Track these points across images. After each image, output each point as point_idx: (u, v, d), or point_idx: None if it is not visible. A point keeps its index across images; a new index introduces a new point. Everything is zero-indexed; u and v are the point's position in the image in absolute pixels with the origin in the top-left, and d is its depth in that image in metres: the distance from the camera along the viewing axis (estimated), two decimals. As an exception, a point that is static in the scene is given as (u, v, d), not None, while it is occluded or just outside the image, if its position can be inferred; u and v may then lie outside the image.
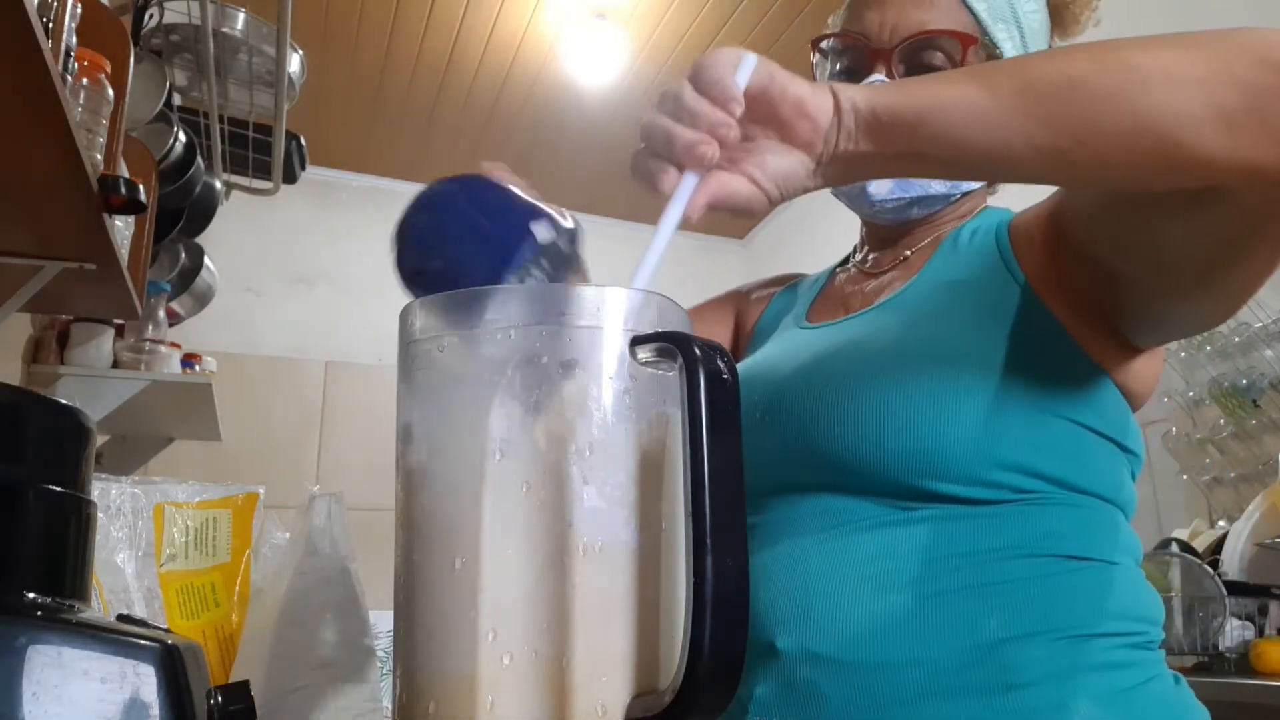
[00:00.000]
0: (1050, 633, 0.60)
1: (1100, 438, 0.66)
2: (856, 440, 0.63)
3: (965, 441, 0.62)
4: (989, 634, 0.59)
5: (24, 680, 0.39)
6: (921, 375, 0.64)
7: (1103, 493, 0.66)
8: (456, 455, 0.41)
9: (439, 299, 0.43)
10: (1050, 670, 0.59)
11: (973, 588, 0.61)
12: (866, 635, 0.60)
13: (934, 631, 0.60)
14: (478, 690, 0.38)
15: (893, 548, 0.62)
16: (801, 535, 0.65)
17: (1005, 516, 0.62)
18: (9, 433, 0.48)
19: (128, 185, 1.11)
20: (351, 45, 2.95)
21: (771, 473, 0.67)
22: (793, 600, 0.63)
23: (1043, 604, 0.60)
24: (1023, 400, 0.63)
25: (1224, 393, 1.99)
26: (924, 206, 0.76)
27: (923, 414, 0.62)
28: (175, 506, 0.97)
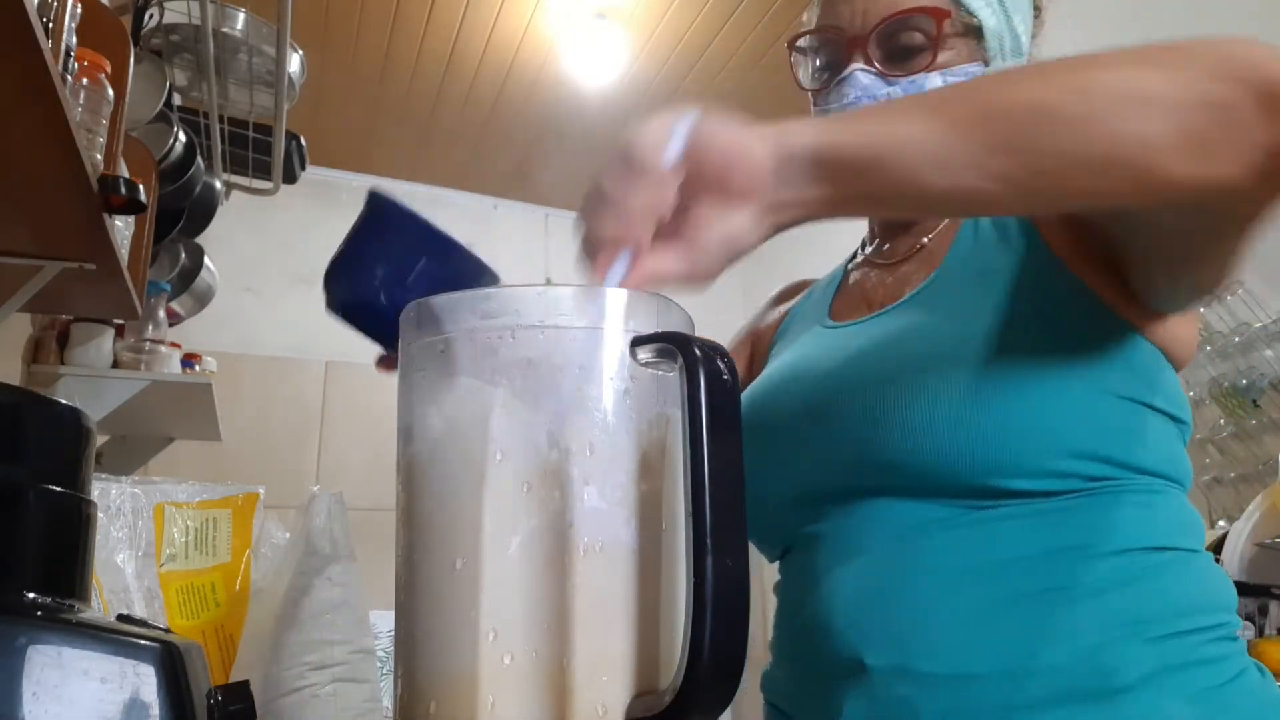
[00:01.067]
0: (1146, 634, 0.58)
1: (1157, 413, 0.65)
2: (918, 443, 0.61)
3: (1029, 434, 0.60)
4: (1085, 638, 0.58)
5: (24, 680, 0.39)
6: (973, 371, 0.62)
7: (1167, 471, 0.65)
8: (457, 456, 0.41)
9: (441, 300, 0.43)
10: (1149, 671, 0.57)
11: (1061, 590, 0.59)
12: (958, 647, 0.58)
13: (1026, 639, 0.58)
14: (478, 690, 0.38)
15: (972, 553, 0.60)
16: (872, 545, 0.63)
17: (1080, 510, 0.61)
18: (9, 433, 0.48)
19: (128, 185, 1.11)
20: (351, 45, 2.95)
21: (824, 478, 0.66)
22: (875, 614, 0.61)
23: (1136, 604, 0.59)
24: (1078, 384, 0.62)
25: (1224, 393, 1.99)
26: None
27: (983, 411, 0.60)
28: (175, 506, 0.97)
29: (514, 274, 1.94)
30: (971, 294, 0.67)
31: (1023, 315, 0.64)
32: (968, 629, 0.59)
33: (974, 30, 0.72)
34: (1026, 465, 0.60)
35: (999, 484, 0.60)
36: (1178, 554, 0.63)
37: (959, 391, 0.61)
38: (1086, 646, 0.57)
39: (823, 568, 0.65)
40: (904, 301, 0.71)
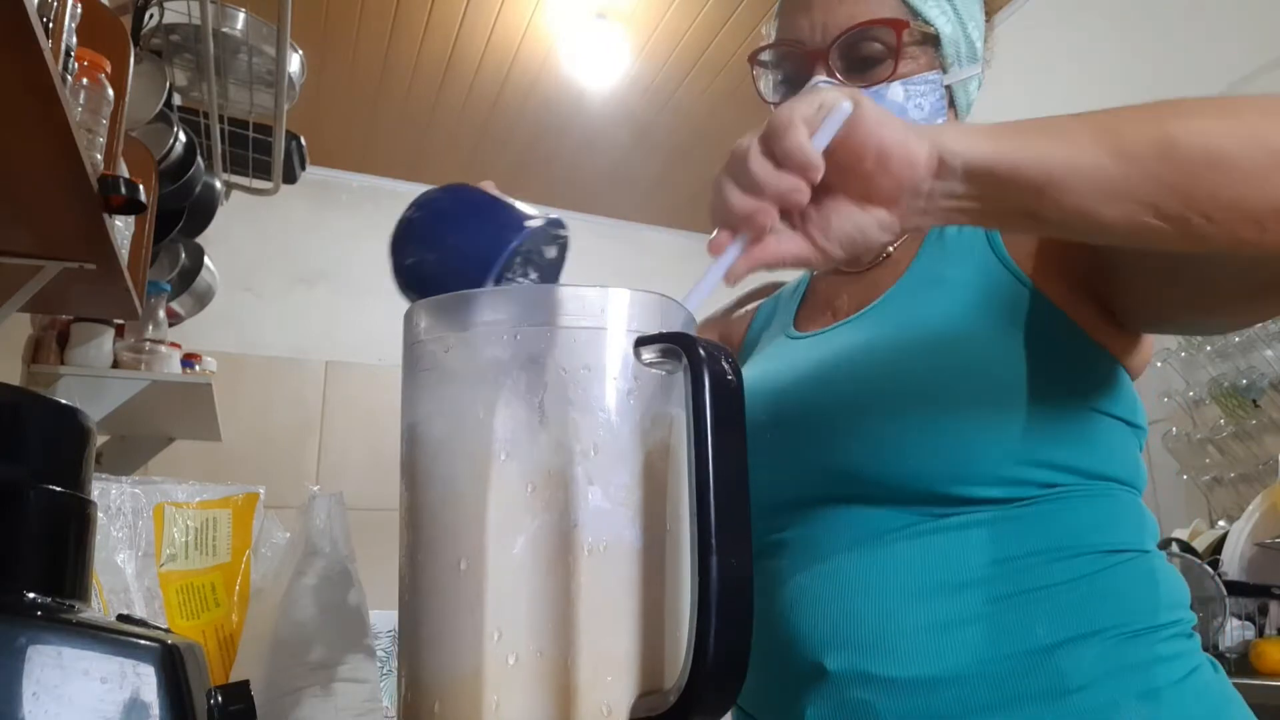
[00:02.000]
0: (1099, 634, 0.59)
1: (1113, 419, 0.66)
2: (877, 453, 0.62)
3: (986, 444, 0.61)
4: (1039, 640, 0.59)
5: (24, 680, 0.39)
6: (932, 380, 0.63)
7: (1122, 476, 0.66)
8: (461, 456, 0.41)
9: (444, 300, 0.43)
10: (1101, 671, 0.58)
11: (1018, 595, 0.60)
12: (918, 651, 0.59)
13: (984, 643, 0.59)
14: (483, 690, 0.38)
15: (932, 559, 0.61)
16: (836, 551, 0.64)
17: (1037, 516, 0.62)
18: (9, 433, 0.48)
19: (128, 185, 1.10)
20: (351, 45, 2.95)
21: (789, 487, 0.67)
22: (837, 619, 0.62)
23: (1089, 606, 0.60)
24: (1034, 392, 0.63)
25: (1224, 393, 1.99)
26: None
27: (940, 421, 0.61)
28: (175, 506, 0.97)
29: (514, 274, 1.86)
30: (933, 304, 0.67)
31: (981, 325, 0.65)
32: (926, 634, 0.60)
33: (931, 38, 0.72)
34: (984, 473, 0.61)
35: (958, 492, 0.61)
36: (1131, 554, 0.64)
37: (918, 402, 0.62)
38: (1040, 648, 0.58)
39: (786, 574, 0.66)
40: (867, 311, 0.72)
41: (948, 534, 0.62)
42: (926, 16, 0.71)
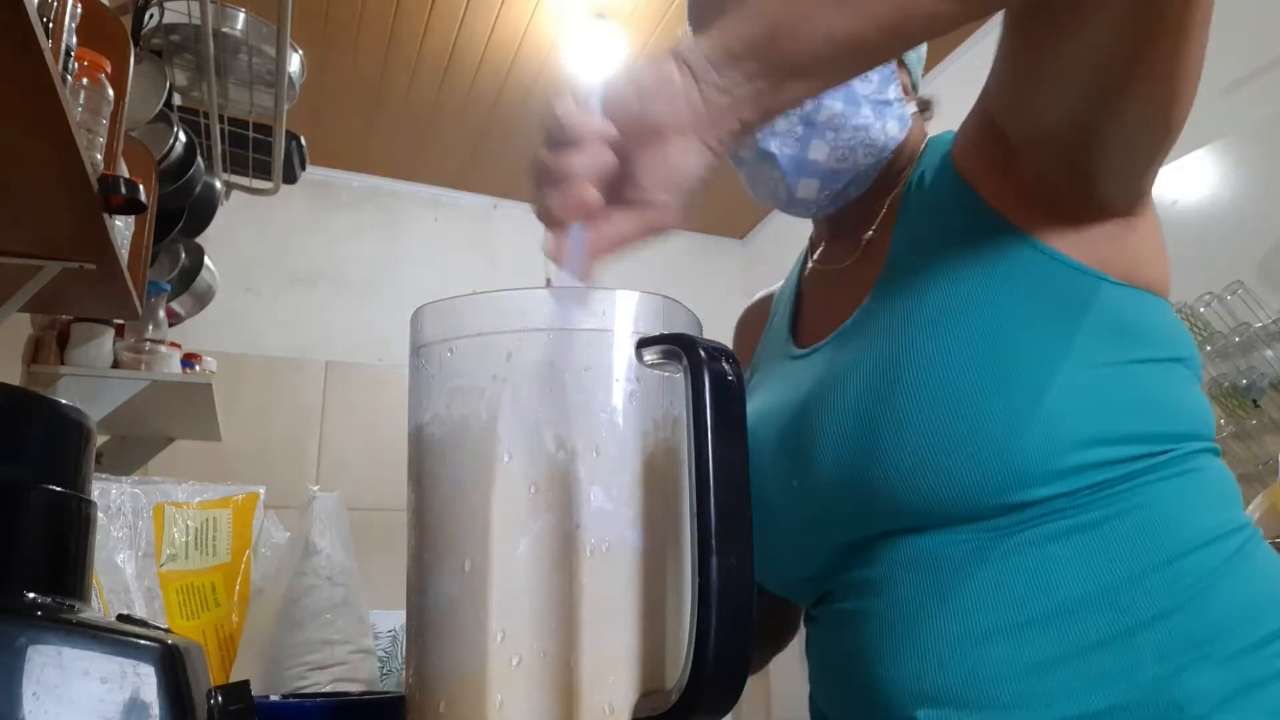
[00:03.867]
0: (1212, 654, 0.54)
1: (1155, 363, 0.59)
2: (917, 478, 0.57)
3: (1030, 435, 0.55)
4: (1147, 673, 0.53)
5: (24, 680, 0.39)
6: (950, 381, 0.57)
7: (1189, 429, 0.60)
8: (465, 458, 0.41)
9: (449, 303, 0.43)
10: (1221, 696, 0.53)
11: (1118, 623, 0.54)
12: (1016, 699, 0.54)
13: (1086, 683, 0.53)
14: (487, 689, 0.38)
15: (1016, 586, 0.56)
16: (908, 589, 0.59)
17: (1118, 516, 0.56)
18: (9, 433, 0.48)
19: (128, 185, 1.10)
20: (351, 45, 2.95)
21: (839, 529, 0.62)
22: (923, 670, 0.57)
23: (1196, 622, 0.54)
24: (1059, 365, 0.56)
25: (1224, 393, 1.99)
26: (860, 184, 0.70)
27: (972, 424, 0.56)
28: (175, 506, 0.97)
29: (514, 274, 1.97)
30: (925, 284, 0.62)
31: (985, 300, 0.59)
32: (1022, 679, 0.54)
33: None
34: (1039, 470, 0.55)
35: (1017, 498, 0.55)
36: (1228, 542, 0.57)
37: (940, 408, 0.57)
38: (1151, 680, 0.53)
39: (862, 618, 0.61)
40: (860, 314, 0.66)
41: (1025, 553, 0.56)
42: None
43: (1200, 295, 2.07)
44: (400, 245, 3.72)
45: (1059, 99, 0.56)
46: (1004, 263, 0.59)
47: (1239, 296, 2.01)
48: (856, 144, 0.68)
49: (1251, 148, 2.06)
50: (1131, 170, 0.59)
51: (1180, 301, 2.11)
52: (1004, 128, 0.60)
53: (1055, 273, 0.59)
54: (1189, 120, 0.57)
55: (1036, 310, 0.58)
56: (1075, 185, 0.59)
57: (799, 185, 0.69)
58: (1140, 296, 0.61)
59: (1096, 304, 0.59)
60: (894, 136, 0.70)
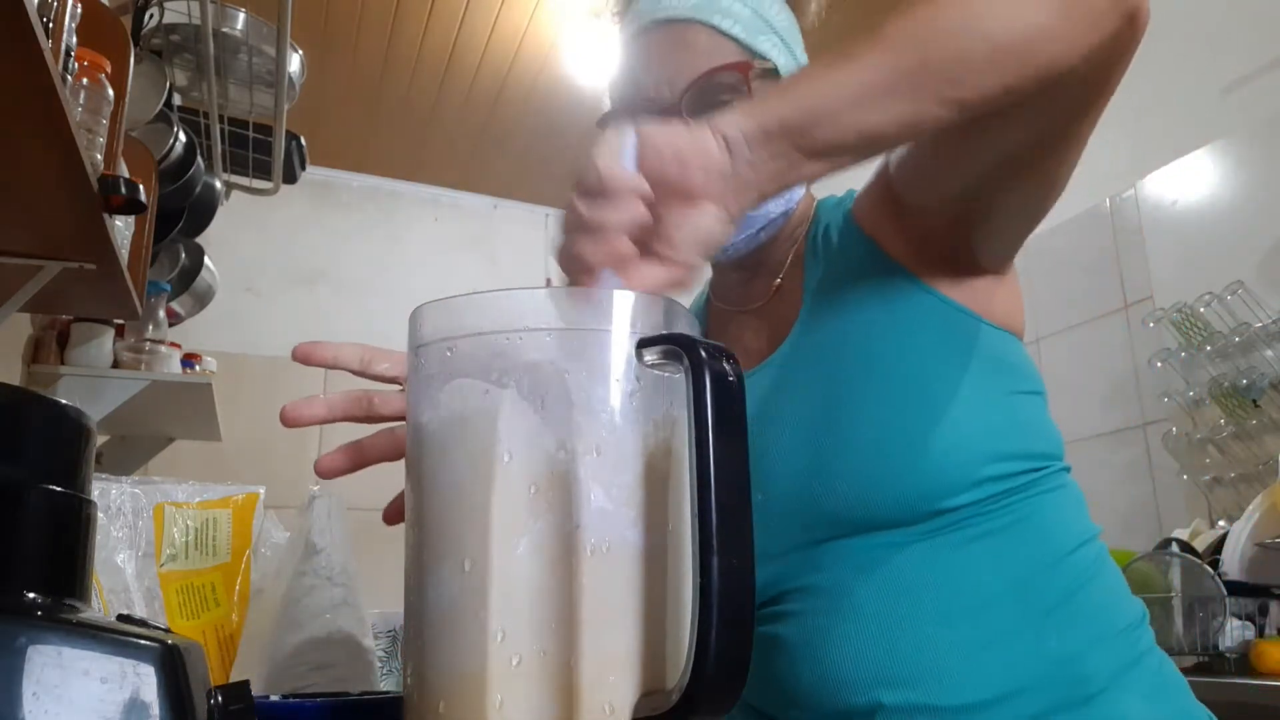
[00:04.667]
0: (1101, 635, 0.64)
1: (1028, 395, 0.70)
2: (854, 492, 0.65)
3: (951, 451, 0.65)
4: (1056, 650, 0.63)
5: (24, 680, 0.39)
6: (885, 404, 0.66)
7: (1055, 449, 0.71)
8: (465, 457, 0.41)
9: (449, 302, 0.43)
10: (1110, 673, 0.63)
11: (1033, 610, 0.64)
12: (964, 676, 0.62)
13: (1017, 659, 0.62)
14: (487, 690, 0.38)
15: (949, 580, 0.64)
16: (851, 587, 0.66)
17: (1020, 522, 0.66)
18: (9, 433, 0.48)
19: (128, 185, 1.10)
20: (351, 45, 2.95)
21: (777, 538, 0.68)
22: (879, 656, 0.64)
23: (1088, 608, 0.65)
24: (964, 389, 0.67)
25: (1224, 393, 1.99)
26: (770, 229, 0.77)
27: (906, 443, 0.65)
28: (175, 506, 0.97)
29: (514, 274, 1.97)
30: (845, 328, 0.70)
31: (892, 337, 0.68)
32: (966, 657, 0.63)
33: (772, 73, 0.73)
34: (956, 482, 0.65)
35: (937, 505, 0.64)
36: (1093, 545, 0.69)
37: (875, 432, 0.65)
38: (1060, 658, 0.63)
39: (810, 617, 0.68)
40: (784, 349, 0.74)
41: (949, 551, 0.65)
42: (761, 52, 0.73)
43: (1200, 295, 2.07)
44: (400, 245, 3.72)
45: (963, 179, 0.66)
46: (907, 304, 0.69)
47: (1239, 296, 2.01)
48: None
49: (1251, 148, 2.06)
50: (1007, 240, 0.70)
51: (1180, 301, 2.11)
52: (903, 195, 0.70)
53: (948, 314, 0.69)
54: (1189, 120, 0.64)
55: (937, 346, 0.68)
56: (959, 246, 0.70)
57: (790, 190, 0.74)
58: (1009, 338, 0.72)
59: (981, 343, 0.70)
60: (799, 191, 0.79)
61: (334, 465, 0.60)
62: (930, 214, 0.69)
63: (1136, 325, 2.26)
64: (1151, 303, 2.24)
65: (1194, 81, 2.12)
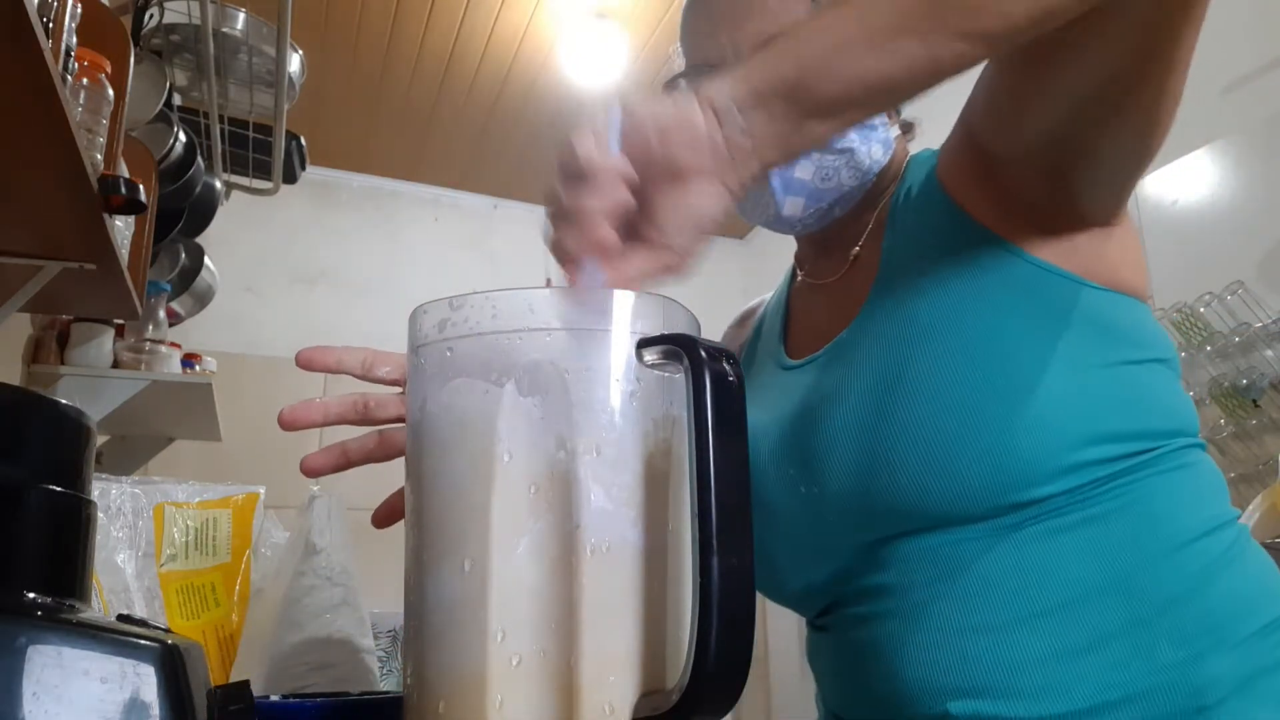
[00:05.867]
0: (1225, 639, 0.56)
1: (1142, 365, 0.62)
2: (924, 482, 0.58)
3: (1032, 434, 0.57)
4: (1166, 658, 0.55)
5: (24, 680, 0.39)
6: (951, 387, 0.59)
7: (1177, 425, 0.62)
8: (465, 457, 0.41)
9: (449, 302, 0.43)
10: (1235, 682, 0.55)
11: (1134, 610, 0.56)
12: (1043, 687, 0.56)
13: (1108, 669, 0.55)
14: (487, 689, 0.38)
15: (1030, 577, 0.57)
16: (924, 589, 0.60)
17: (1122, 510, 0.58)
18: (9, 433, 0.48)
19: (128, 185, 1.10)
20: (351, 45, 2.95)
21: (848, 534, 0.63)
22: (951, 663, 0.58)
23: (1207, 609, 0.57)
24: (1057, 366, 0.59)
25: (1224, 393, 1.99)
26: (845, 203, 0.72)
27: (977, 427, 0.57)
28: (175, 506, 0.97)
29: (514, 274, 1.98)
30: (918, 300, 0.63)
31: (976, 307, 0.61)
32: (1047, 666, 0.56)
33: None
34: (1039, 471, 0.57)
35: (1024, 496, 0.57)
36: (1223, 534, 0.60)
37: (943, 414, 0.58)
38: (1174, 664, 0.55)
39: (881, 620, 0.62)
40: (854, 326, 0.68)
41: (1036, 545, 0.58)
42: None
43: (1200, 295, 2.06)
44: (400, 245, 3.72)
45: (1047, 121, 0.58)
46: (992, 273, 0.62)
47: (1239, 296, 2.01)
48: (841, 165, 0.70)
49: (1251, 148, 2.06)
50: (1112, 186, 0.61)
51: (1180, 301, 2.11)
52: (987, 146, 0.62)
53: (1041, 280, 0.61)
54: (1189, 120, 0.59)
55: (1026, 316, 0.60)
56: (1057, 198, 0.61)
57: (785, 203, 0.70)
58: (1122, 300, 0.63)
59: (1082, 308, 0.61)
60: (878, 160, 0.71)
61: (317, 464, 0.59)
62: (1019, 165, 0.61)
63: (1136, 325, 2.26)
64: (1152, 303, 2.23)
65: (1194, 81, 2.12)
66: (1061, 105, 0.56)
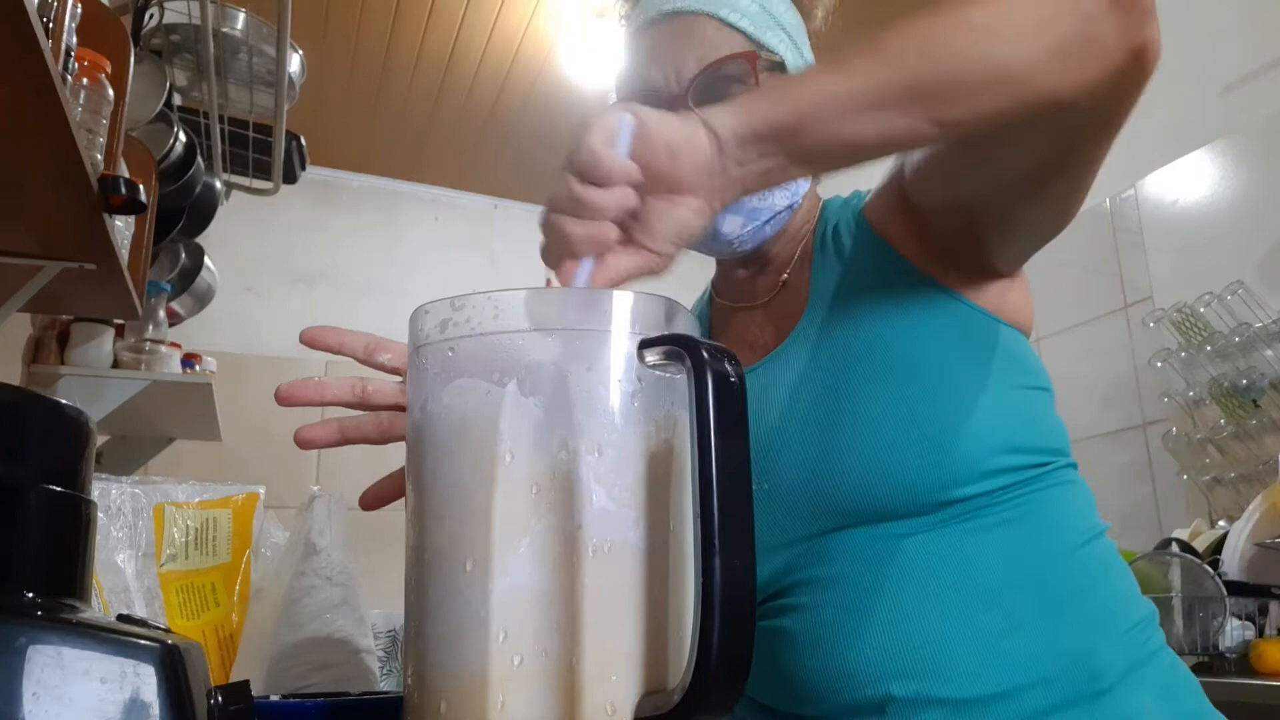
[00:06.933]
0: (1112, 631, 0.64)
1: (1037, 390, 0.70)
2: (864, 480, 0.64)
3: (962, 441, 0.64)
4: (1068, 644, 0.62)
5: (24, 680, 0.39)
6: (890, 395, 0.66)
7: (1062, 445, 0.71)
8: (467, 457, 0.41)
9: (450, 302, 0.43)
10: (1122, 669, 0.62)
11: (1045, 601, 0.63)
12: (974, 668, 0.61)
13: (1027, 652, 0.62)
14: (489, 690, 0.38)
15: (960, 569, 0.64)
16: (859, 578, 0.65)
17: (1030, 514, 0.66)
18: (9, 433, 0.48)
19: (128, 185, 1.10)
20: (351, 45, 2.95)
21: (783, 529, 0.68)
22: (888, 646, 0.63)
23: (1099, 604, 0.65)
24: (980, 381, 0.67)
25: (1224, 393, 1.99)
26: (776, 223, 0.77)
27: (917, 432, 0.64)
28: (175, 506, 0.97)
29: (514, 274, 1.97)
30: (851, 321, 0.70)
31: (907, 329, 0.68)
32: (976, 649, 0.62)
33: (778, 65, 0.74)
34: (964, 473, 0.64)
35: (946, 496, 0.64)
36: (1103, 541, 0.69)
37: (886, 420, 0.65)
38: (1073, 652, 0.62)
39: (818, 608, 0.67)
40: (790, 342, 0.73)
41: (961, 541, 0.64)
42: (769, 46, 0.74)
43: (1200, 295, 2.07)
44: (400, 245, 3.72)
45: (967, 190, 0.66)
46: (920, 302, 0.69)
47: (1239, 296, 2.01)
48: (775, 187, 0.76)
49: (1251, 148, 2.06)
50: (1019, 251, 0.70)
51: (1180, 301, 2.11)
52: (915, 198, 0.70)
53: (962, 312, 0.69)
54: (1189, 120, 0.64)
55: (953, 340, 0.68)
56: (971, 251, 0.69)
57: (724, 222, 0.75)
58: (1019, 335, 0.72)
59: (996, 339, 0.70)
60: (803, 186, 0.78)
61: (313, 436, 0.62)
62: (940, 218, 0.69)
63: (1136, 325, 2.26)
64: (1151, 302, 2.24)
65: (1194, 81, 2.12)
66: (985, 182, 0.65)
